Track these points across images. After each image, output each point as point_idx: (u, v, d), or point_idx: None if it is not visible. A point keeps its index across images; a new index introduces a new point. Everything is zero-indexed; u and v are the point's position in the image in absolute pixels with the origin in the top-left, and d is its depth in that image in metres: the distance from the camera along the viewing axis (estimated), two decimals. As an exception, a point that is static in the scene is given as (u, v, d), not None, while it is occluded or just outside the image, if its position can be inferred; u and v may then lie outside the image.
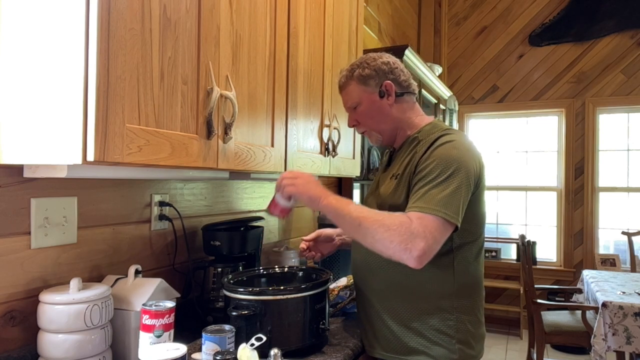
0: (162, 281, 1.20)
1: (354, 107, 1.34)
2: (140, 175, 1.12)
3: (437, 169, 1.14)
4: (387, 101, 1.32)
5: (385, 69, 1.32)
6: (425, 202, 1.11)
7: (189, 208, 1.58)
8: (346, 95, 1.36)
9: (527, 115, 4.61)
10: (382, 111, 1.32)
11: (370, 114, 1.33)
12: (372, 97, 1.32)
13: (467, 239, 1.23)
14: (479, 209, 1.24)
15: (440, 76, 4.41)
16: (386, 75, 1.32)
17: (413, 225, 1.06)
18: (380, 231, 1.08)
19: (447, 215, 1.09)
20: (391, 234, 1.06)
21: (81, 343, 1.00)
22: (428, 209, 1.09)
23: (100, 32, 0.78)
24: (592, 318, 2.79)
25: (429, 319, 1.21)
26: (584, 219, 4.31)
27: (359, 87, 1.33)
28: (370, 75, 1.31)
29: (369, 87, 1.32)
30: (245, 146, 1.21)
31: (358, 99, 1.33)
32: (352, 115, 1.37)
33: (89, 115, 0.78)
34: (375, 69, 1.32)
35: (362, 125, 1.36)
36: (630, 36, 4.17)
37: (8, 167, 1.01)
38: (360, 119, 1.35)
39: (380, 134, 1.36)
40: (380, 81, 1.32)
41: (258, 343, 1.00)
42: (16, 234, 1.05)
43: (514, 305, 4.45)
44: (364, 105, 1.33)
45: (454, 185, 1.12)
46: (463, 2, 4.73)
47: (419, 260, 1.05)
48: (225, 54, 1.12)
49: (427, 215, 1.08)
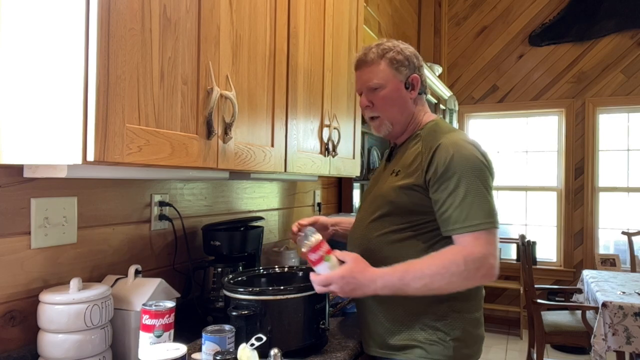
0: (162, 281, 1.20)
1: (375, 88, 1.28)
2: (140, 175, 1.12)
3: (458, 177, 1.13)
4: (409, 94, 1.30)
5: (415, 62, 1.31)
6: (467, 219, 1.12)
7: (189, 208, 1.58)
8: (370, 73, 1.29)
9: (527, 115, 4.61)
10: (403, 102, 1.29)
11: (392, 101, 1.28)
12: (399, 85, 1.28)
13: None
14: None
15: (440, 76, 4.41)
16: (415, 69, 1.31)
17: (474, 252, 1.10)
18: (454, 281, 1.10)
19: (491, 224, 1.12)
20: (465, 275, 1.09)
21: (81, 343, 1.00)
22: (473, 227, 1.11)
23: (100, 32, 0.78)
24: (592, 318, 2.79)
25: (425, 318, 1.20)
26: (584, 219, 4.31)
27: (389, 70, 1.28)
28: (403, 62, 1.28)
29: (399, 74, 1.28)
30: (245, 146, 1.21)
31: (384, 81, 1.28)
32: (369, 96, 1.30)
33: (89, 115, 0.78)
34: (408, 58, 1.29)
35: (377, 109, 1.30)
36: (630, 36, 4.17)
37: (8, 167, 1.01)
38: (377, 103, 1.29)
39: (392, 124, 1.31)
40: (410, 73, 1.29)
41: (258, 343, 1.00)
42: (16, 234, 1.05)
43: (514, 305, 4.45)
44: (387, 90, 1.28)
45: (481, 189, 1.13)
46: (463, 2, 4.73)
47: (495, 275, 1.13)
48: (225, 54, 1.12)
49: (475, 233, 1.11)
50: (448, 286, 1.10)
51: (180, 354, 0.88)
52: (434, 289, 1.11)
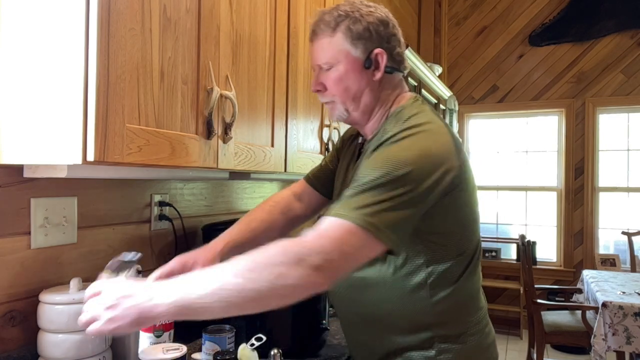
0: (162, 281, 1.20)
1: (327, 68, 1.00)
2: (140, 175, 1.12)
3: (376, 171, 0.85)
4: (371, 74, 0.99)
5: (382, 32, 0.99)
6: (343, 206, 0.83)
7: (189, 208, 1.58)
8: (319, 49, 1.00)
9: (527, 115, 4.61)
10: (362, 84, 0.99)
11: (346, 84, 0.99)
12: (355, 63, 0.98)
13: (448, 256, 0.95)
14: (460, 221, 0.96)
15: (440, 76, 4.41)
16: (382, 41, 0.99)
17: (305, 241, 0.78)
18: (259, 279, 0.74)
19: (370, 225, 0.79)
20: (278, 271, 0.74)
21: (81, 343, 1.00)
22: (341, 215, 0.81)
23: (100, 32, 0.78)
24: (592, 318, 2.79)
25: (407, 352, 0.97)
26: (584, 219, 4.31)
27: (342, 43, 0.98)
28: (362, 34, 0.97)
29: (355, 49, 0.98)
30: (245, 146, 1.21)
31: (334, 59, 0.98)
32: (320, 77, 1.02)
33: (89, 115, 0.78)
34: (370, 27, 0.98)
35: (329, 94, 1.02)
36: (630, 36, 4.17)
37: (8, 167, 1.01)
38: (329, 85, 1.01)
39: (347, 110, 1.02)
40: (372, 46, 0.98)
41: (258, 343, 1.00)
42: (16, 234, 1.05)
43: (514, 305, 4.45)
44: (340, 71, 0.98)
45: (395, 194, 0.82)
46: (463, 2, 4.73)
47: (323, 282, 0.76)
48: (225, 54, 1.12)
49: (336, 219, 0.81)
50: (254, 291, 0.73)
51: (180, 354, 0.88)
52: (242, 299, 0.74)
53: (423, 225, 0.90)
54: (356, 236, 0.79)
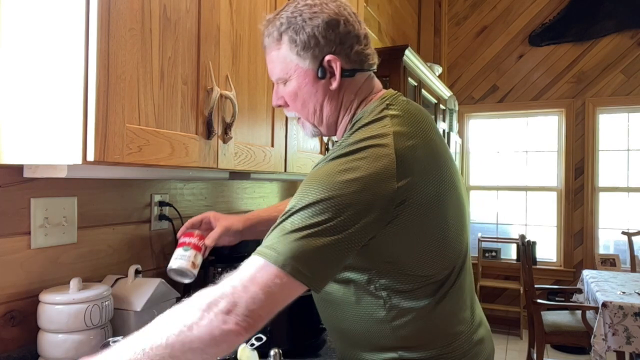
0: (162, 281, 1.20)
1: (282, 82, 0.94)
2: (140, 175, 1.12)
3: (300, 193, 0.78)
4: (327, 83, 0.90)
5: (330, 35, 0.87)
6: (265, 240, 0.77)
7: (189, 208, 1.58)
8: (270, 63, 0.94)
9: (527, 115, 4.61)
10: (318, 96, 0.91)
11: (301, 98, 0.92)
12: (307, 75, 0.90)
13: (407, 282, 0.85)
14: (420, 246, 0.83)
15: (440, 76, 4.41)
16: (331, 46, 0.88)
17: (217, 287, 0.74)
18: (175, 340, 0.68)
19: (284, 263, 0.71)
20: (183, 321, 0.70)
21: (81, 343, 1.00)
22: (258, 252, 0.75)
23: (100, 32, 0.78)
24: (592, 318, 2.79)
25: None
26: (584, 219, 4.31)
27: (289, 55, 0.90)
28: (306, 43, 0.87)
29: (302, 60, 0.89)
30: (245, 146, 1.21)
31: (285, 73, 0.91)
32: (278, 91, 0.95)
33: (89, 115, 0.78)
34: (315, 33, 0.87)
35: (291, 109, 0.96)
36: (630, 36, 4.17)
37: (8, 167, 1.01)
38: (288, 101, 0.94)
39: (315, 125, 0.96)
40: (322, 53, 0.88)
41: (258, 343, 1.00)
42: (16, 234, 1.05)
43: (514, 305, 4.45)
44: (293, 85, 0.91)
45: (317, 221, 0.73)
46: (463, 2, 4.73)
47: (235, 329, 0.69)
48: (225, 54, 1.12)
49: (252, 258, 0.75)
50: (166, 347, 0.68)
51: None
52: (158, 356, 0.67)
53: (374, 252, 0.82)
54: (266, 272, 0.71)
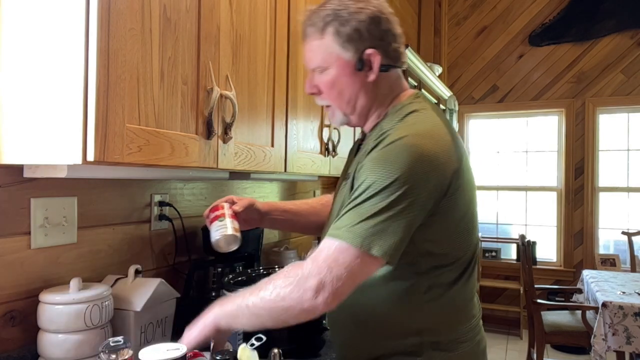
0: (162, 281, 1.20)
1: (320, 71, 0.98)
2: (140, 175, 1.12)
3: (370, 179, 0.84)
4: (365, 75, 0.95)
5: (373, 30, 0.93)
6: (338, 224, 0.84)
7: (189, 208, 1.58)
8: (310, 52, 0.98)
9: (527, 115, 4.61)
10: (356, 87, 0.96)
11: (339, 87, 0.96)
12: (347, 66, 0.94)
13: (442, 263, 0.93)
14: (458, 225, 0.92)
15: (440, 76, 4.41)
16: (374, 40, 0.94)
17: (302, 267, 0.83)
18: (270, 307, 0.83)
19: (363, 245, 0.80)
20: (282, 292, 0.82)
21: (81, 343, 1.00)
22: (334, 234, 0.83)
23: (100, 32, 0.78)
24: (592, 318, 2.79)
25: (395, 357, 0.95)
26: (584, 219, 4.31)
27: (331, 46, 0.94)
28: (350, 35, 0.92)
29: (345, 52, 0.94)
30: (245, 146, 1.21)
31: (325, 62, 0.96)
32: (314, 79, 0.99)
33: (89, 115, 0.78)
34: (359, 27, 0.92)
35: (325, 97, 1.00)
36: (630, 36, 4.17)
37: (8, 167, 1.01)
38: (323, 89, 0.98)
39: (346, 114, 1.00)
40: (363, 46, 0.93)
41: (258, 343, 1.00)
42: (16, 234, 1.05)
43: (514, 305, 4.45)
44: (332, 75, 0.95)
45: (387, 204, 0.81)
46: (463, 2, 4.73)
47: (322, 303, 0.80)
48: (225, 54, 1.12)
49: (331, 240, 0.82)
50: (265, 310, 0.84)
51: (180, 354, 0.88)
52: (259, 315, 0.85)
53: (418, 232, 0.87)
54: (347, 254, 0.80)
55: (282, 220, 1.23)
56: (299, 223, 1.26)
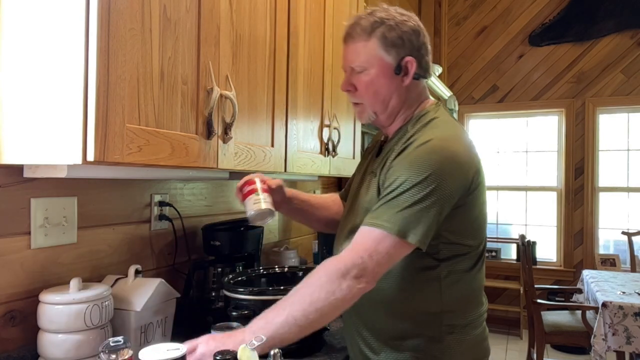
0: (162, 281, 1.20)
1: (359, 70, 1.07)
2: (140, 175, 1.12)
3: (403, 176, 0.95)
4: (401, 80, 1.06)
5: (415, 41, 1.05)
6: (376, 215, 0.94)
7: (189, 208, 1.58)
8: (354, 51, 1.06)
9: (527, 115, 4.61)
10: (391, 90, 1.06)
11: (376, 87, 1.06)
12: (386, 68, 1.05)
13: (460, 251, 1.04)
14: (476, 219, 1.05)
15: (440, 76, 4.41)
16: (413, 50, 1.06)
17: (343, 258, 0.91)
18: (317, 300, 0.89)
19: (400, 232, 0.91)
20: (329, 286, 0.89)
21: (81, 343, 1.00)
22: (376, 225, 0.93)
23: (100, 32, 0.78)
24: (592, 318, 2.79)
25: (414, 340, 1.03)
26: (584, 219, 4.31)
27: (376, 49, 1.04)
28: (395, 42, 1.04)
29: (387, 56, 1.04)
30: (245, 146, 1.21)
31: (367, 63, 1.05)
32: (351, 78, 1.09)
33: (89, 115, 0.78)
34: (404, 36, 1.04)
35: (359, 95, 1.09)
36: (630, 36, 4.17)
37: (8, 167, 1.01)
38: (359, 88, 1.08)
39: (376, 113, 1.10)
40: (404, 54, 1.05)
41: (258, 343, 1.00)
42: (16, 234, 1.05)
43: (514, 305, 4.45)
44: (371, 75, 1.05)
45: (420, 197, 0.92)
46: (463, 2, 4.73)
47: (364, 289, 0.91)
48: (225, 54, 1.12)
49: (368, 228, 0.93)
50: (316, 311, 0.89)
51: (180, 354, 0.88)
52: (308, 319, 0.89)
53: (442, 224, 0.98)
54: (386, 241, 0.91)
55: (299, 210, 1.28)
56: (313, 215, 1.30)
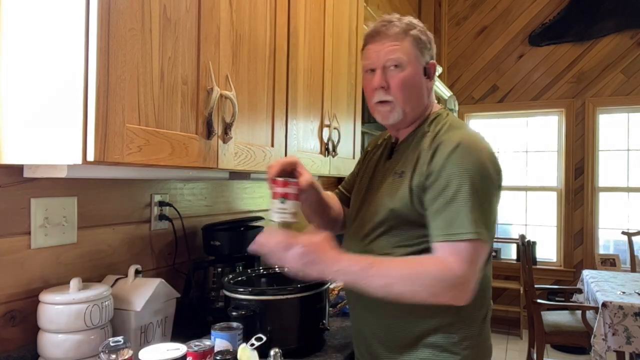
0: (162, 281, 1.20)
1: (396, 65, 1.08)
2: (140, 175, 1.12)
3: (456, 181, 0.98)
4: (427, 82, 1.13)
5: (433, 47, 1.14)
6: (449, 227, 0.97)
7: (189, 208, 1.58)
8: (393, 47, 1.08)
9: (527, 115, 4.61)
10: (422, 88, 1.12)
11: (410, 84, 1.09)
12: (419, 69, 1.10)
13: None
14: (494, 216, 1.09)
15: (440, 76, 4.41)
16: (433, 55, 1.14)
17: (453, 269, 0.95)
18: (418, 292, 0.95)
19: (481, 235, 0.96)
20: (433, 291, 0.95)
21: (81, 343, 1.00)
22: (453, 236, 0.96)
23: (100, 32, 0.78)
24: (592, 318, 2.79)
25: (430, 337, 1.06)
26: (584, 219, 4.31)
27: (412, 48, 1.09)
28: (426, 45, 1.11)
29: (421, 56, 1.10)
30: (245, 146, 1.21)
31: (404, 61, 1.08)
32: (385, 75, 1.09)
33: (89, 115, 0.78)
34: (430, 41, 1.13)
35: (392, 92, 1.09)
36: (630, 36, 4.17)
37: (8, 167, 1.01)
38: (394, 85, 1.08)
39: (405, 111, 1.11)
40: (429, 57, 1.13)
41: (258, 343, 1.00)
42: (16, 234, 1.05)
43: (514, 305, 4.45)
44: (407, 72, 1.08)
45: (476, 195, 0.98)
46: (463, 2, 4.73)
47: (467, 300, 0.97)
48: (225, 53, 1.12)
49: (455, 244, 0.96)
50: (410, 295, 0.96)
51: (180, 354, 0.88)
52: (393, 293, 0.96)
53: None
54: (479, 249, 0.97)
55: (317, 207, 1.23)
56: (324, 213, 1.26)
